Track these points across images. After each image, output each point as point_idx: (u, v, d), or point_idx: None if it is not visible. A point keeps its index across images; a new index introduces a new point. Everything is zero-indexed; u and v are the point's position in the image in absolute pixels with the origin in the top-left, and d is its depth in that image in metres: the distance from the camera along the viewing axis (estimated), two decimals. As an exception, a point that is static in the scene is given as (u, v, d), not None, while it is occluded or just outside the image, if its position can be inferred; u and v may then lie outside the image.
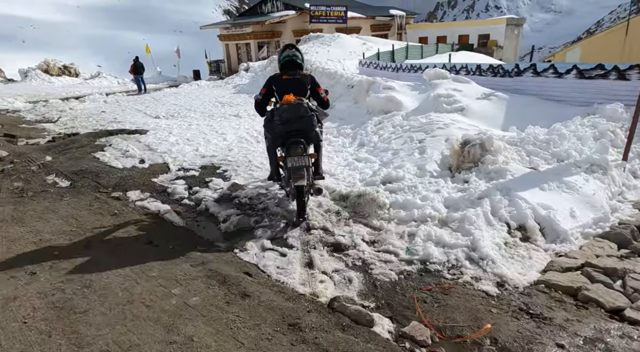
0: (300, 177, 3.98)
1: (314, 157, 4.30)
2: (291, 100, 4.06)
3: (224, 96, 15.55)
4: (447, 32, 30.58)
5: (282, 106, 4.05)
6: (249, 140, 7.81)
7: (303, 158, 3.99)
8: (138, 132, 8.34)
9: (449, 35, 29.92)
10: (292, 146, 4.01)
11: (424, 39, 29.05)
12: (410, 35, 30.57)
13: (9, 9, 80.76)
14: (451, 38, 29.20)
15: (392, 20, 31.49)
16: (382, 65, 13.59)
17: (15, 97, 17.47)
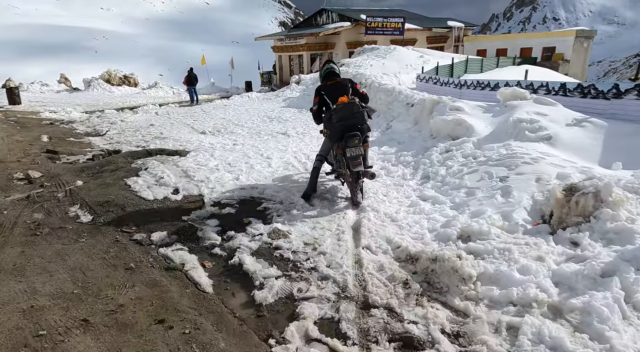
0: (358, 164, 4.83)
1: (366, 147, 5.05)
2: (345, 100, 4.92)
3: (273, 110, 14.90)
4: (507, 44, 28.50)
5: (338, 106, 4.89)
6: (296, 166, 6.90)
7: (359, 148, 4.84)
8: (178, 154, 7.69)
9: (509, 48, 27.85)
10: (350, 138, 4.79)
11: (482, 52, 27.25)
12: (468, 48, 28.81)
13: (86, 22, 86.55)
14: (512, 51, 27.17)
15: (449, 32, 29.88)
16: (443, 81, 12.36)
17: (75, 106, 17.83)
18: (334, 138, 5.00)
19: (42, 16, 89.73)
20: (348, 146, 4.81)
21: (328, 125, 5.01)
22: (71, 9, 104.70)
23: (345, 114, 4.84)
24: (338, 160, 5.25)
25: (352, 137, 4.80)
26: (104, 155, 8.29)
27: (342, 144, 4.91)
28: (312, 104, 5.46)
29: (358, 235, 4.45)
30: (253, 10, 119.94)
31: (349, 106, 4.87)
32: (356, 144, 4.80)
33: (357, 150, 4.82)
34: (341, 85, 5.28)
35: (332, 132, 4.98)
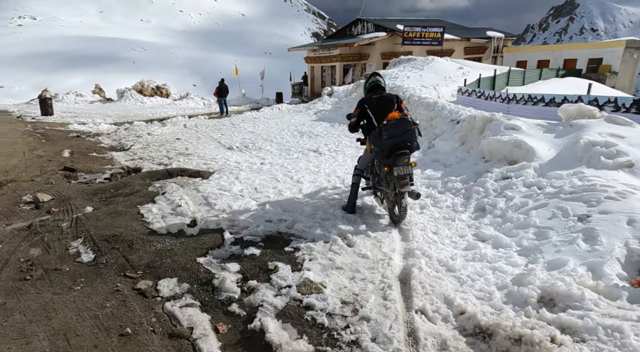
0: (406, 183, 4.58)
1: (414, 166, 4.73)
2: (396, 116, 4.66)
3: (303, 124, 14.19)
4: (550, 55, 26.86)
5: (390, 122, 4.62)
6: (329, 194, 6.08)
7: (407, 167, 4.59)
8: (200, 175, 7.00)
9: (552, 59, 26.22)
10: (399, 156, 4.56)
11: (522, 63, 25.75)
12: (507, 59, 27.34)
13: (126, 34, 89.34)
14: (555, 62, 25.55)
15: (488, 43, 28.54)
16: (489, 95, 11.31)
17: (105, 117, 17.71)
18: (382, 155, 4.72)
19: (85, 28, 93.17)
20: (396, 164, 4.58)
21: (376, 141, 4.72)
22: (113, 21, 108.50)
23: (396, 130, 4.59)
24: (380, 177, 5.02)
25: (401, 155, 4.57)
26: (123, 175, 7.73)
27: (389, 162, 4.67)
28: (352, 115, 5.29)
29: (408, 290, 3.58)
30: (287, 21, 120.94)
31: (401, 123, 4.61)
32: (406, 162, 4.59)
33: (405, 169, 4.59)
34: (387, 100, 5.05)
35: (380, 148, 4.69)
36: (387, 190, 4.92)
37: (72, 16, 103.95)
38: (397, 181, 4.60)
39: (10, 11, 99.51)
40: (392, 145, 4.58)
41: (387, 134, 4.59)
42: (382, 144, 4.64)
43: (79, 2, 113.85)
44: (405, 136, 4.58)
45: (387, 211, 5.13)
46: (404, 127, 4.59)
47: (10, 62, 64.54)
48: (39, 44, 76.27)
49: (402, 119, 4.64)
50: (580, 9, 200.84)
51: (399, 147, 4.58)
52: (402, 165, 4.58)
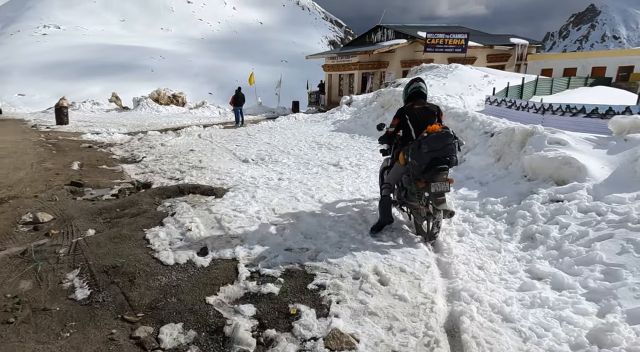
0: (442, 201, 4.32)
1: (451, 182, 4.44)
2: (437, 128, 4.33)
3: (322, 135, 13.62)
4: (577, 63, 25.76)
5: (431, 135, 4.28)
6: (354, 216, 5.44)
7: (445, 183, 4.36)
8: (214, 193, 6.44)
9: (579, 67, 25.13)
10: (438, 172, 4.29)
11: (547, 72, 24.75)
12: (532, 67, 26.34)
13: (146, 42, 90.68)
14: (582, 70, 24.46)
15: (511, 50, 27.65)
16: (520, 105, 10.57)
17: (120, 127, 17.44)
18: (419, 169, 4.41)
19: (107, 36, 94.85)
20: (434, 180, 4.33)
21: (414, 154, 4.40)
22: (134, 29, 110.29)
23: (437, 144, 4.28)
24: (410, 191, 4.73)
25: (440, 171, 4.30)
26: (132, 190, 7.24)
27: (425, 177, 4.39)
28: (381, 126, 5.18)
29: (460, 347, 2.94)
30: (304, 29, 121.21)
31: (443, 136, 4.30)
32: (444, 178, 4.35)
33: (443, 185, 4.35)
34: (429, 112, 4.72)
35: (418, 162, 4.37)
36: (418, 206, 4.62)
37: (95, 25, 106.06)
38: (433, 197, 4.33)
39: (37, 21, 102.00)
40: (431, 159, 4.28)
41: (427, 147, 4.27)
42: (421, 158, 4.33)
43: (102, 12, 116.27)
44: (445, 150, 4.30)
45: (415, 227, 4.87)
46: (445, 141, 4.29)
47: (33, 70, 65.89)
48: (62, 52, 77.79)
49: (445, 132, 4.32)
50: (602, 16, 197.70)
51: (438, 162, 4.28)
52: (440, 181, 4.32)
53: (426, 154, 4.29)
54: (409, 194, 4.81)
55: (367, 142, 11.74)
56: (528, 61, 27.53)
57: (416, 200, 4.64)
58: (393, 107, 13.43)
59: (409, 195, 4.80)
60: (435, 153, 4.27)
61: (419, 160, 4.36)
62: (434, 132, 4.33)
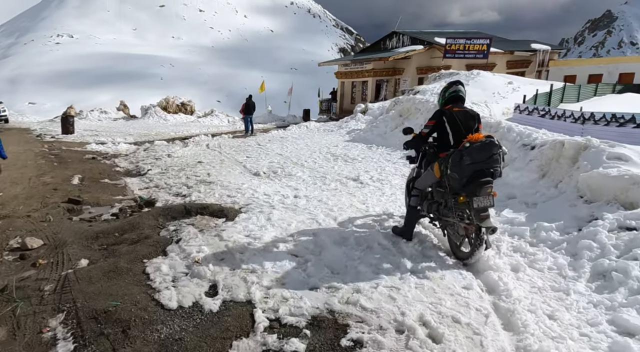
0: (487, 217, 3.93)
1: (494, 195, 4.04)
2: (481, 138, 3.98)
3: (336, 145, 12.92)
4: (603, 69, 24.73)
5: (474, 145, 3.94)
6: (386, 247, 4.69)
7: (489, 198, 3.95)
8: (224, 215, 5.72)
9: (605, 73, 24.09)
10: (481, 185, 3.92)
11: (570, 78, 23.79)
12: (554, 74, 25.41)
13: (157, 51, 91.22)
14: (609, 77, 23.45)
15: (532, 56, 26.81)
16: (556, 114, 9.78)
17: (126, 136, 16.94)
18: (459, 183, 4.03)
19: (119, 45, 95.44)
20: (477, 195, 3.93)
21: (455, 167, 4.03)
22: (146, 38, 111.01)
23: (481, 155, 3.92)
24: (448, 206, 4.30)
25: (484, 184, 3.93)
26: (133, 209, 6.57)
27: (467, 190, 4.00)
28: (423, 126, 4.61)
29: None
30: (314, 37, 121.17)
31: (488, 146, 3.93)
32: (488, 192, 3.96)
33: (487, 200, 3.96)
34: (469, 116, 4.35)
35: (459, 175, 4.00)
36: (456, 222, 4.20)
37: (107, 34, 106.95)
38: (476, 213, 3.92)
39: (51, 30, 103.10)
40: (473, 172, 3.93)
41: (469, 159, 3.91)
42: (462, 170, 3.96)
43: (115, 21, 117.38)
44: (489, 162, 3.92)
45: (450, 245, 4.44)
46: (489, 151, 3.91)
47: (45, 79, 66.31)
48: (73, 61, 78.37)
49: (488, 141, 3.95)
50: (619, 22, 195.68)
51: (482, 175, 3.92)
52: (484, 195, 3.92)
53: (468, 166, 3.92)
54: (442, 209, 4.39)
55: (386, 154, 11.01)
56: (550, 67, 26.62)
57: (453, 215, 4.20)
58: (413, 115, 12.72)
59: (443, 210, 4.37)
60: (478, 165, 3.90)
61: (460, 173, 3.97)
62: (477, 142, 3.95)
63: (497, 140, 4.02)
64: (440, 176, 4.25)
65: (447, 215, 4.31)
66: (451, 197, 4.20)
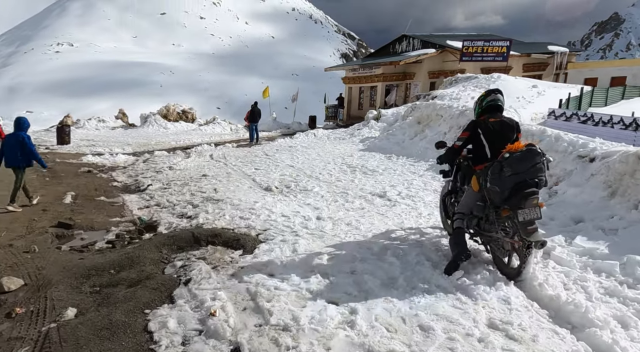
0: (534, 230, 3.66)
1: (541, 206, 3.71)
2: (521, 147, 3.76)
3: (351, 155, 12.04)
4: (627, 71, 23.48)
5: (514, 155, 3.70)
6: (447, 289, 3.78)
7: (535, 209, 3.66)
8: (241, 246, 4.80)
9: (629, 75, 23.02)
10: (526, 197, 3.64)
11: (591, 81, 22.85)
12: (573, 76, 24.44)
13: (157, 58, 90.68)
14: (633, 79, 22.35)
15: (550, 58, 25.99)
16: (601, 120, 8.89)
17: (125, 146, 16.06)
18: (501, 196, 3.80)
19: (119, 53, 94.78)
20: (522, 207, 3.66)
21: (495, 179, 3.80)
22: (147, 46, 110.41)
23: (523, 165, 3.69)
24: (490, 221, 4.06)
25: (529, 196, 3.65)
26: (133, 235, 5.67)
27: (510, 204, 3.75)
28: (456, 139, 4.38)
29: None
30: (316, 42, 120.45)
31: (529, 155, 3.72)
32: (534, 203, 3.68)
33: (533, 212, 3.67)
34: (507, 127, 4.11)
35: (500, 187, 3.77)
36: (500, 237, 3.93)
37: (108, 42, 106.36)
38: (522, 227, 3.65)
39: (52, 38, 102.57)
40: (515, 183, 3.68)
41: (510, 170, 3.68)
42: (503, 183, 3.72)
43: (116, 29, 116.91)
44: (533, 171, 3.69)
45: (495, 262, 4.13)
46: (532, 161, 3.69)
47: (44, 87, 65.59)
48: (73, 69, 77.82)
49: (529, 150, 3.72)
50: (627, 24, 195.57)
51: (525, 185, 3.66)
52: (529, 207, 3.65)
53: (509, 178, 3.68)
54: (484, 224, 4.13)
55: (409, 165, 10.10)
56: (568, 70, 25.69)
57: (496, 230, 3.97)
58: (434, 122, 11.86)
59: (485, 224, 4.12)
60: (520, 176, 3.66)
61: (502, 186, 3.72)
62: (517, 152, 3.71)
63: (539, 148, 3.75)
64: (479, 190, 4.01)
65: (489, 230, 4.05)
66: (493, 211, 3.96)
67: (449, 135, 10.84)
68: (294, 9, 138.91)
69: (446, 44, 24.69)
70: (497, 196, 3.80)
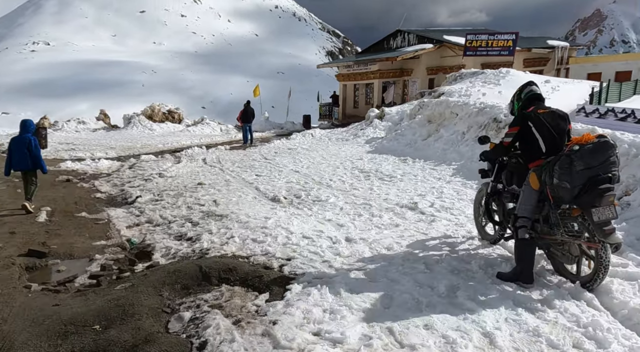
0: (612, 231, 3.28)
1: (616, 205, 3.38)
2: (591, 138, 3.39)
3: (360, 158, 11.04)
4: (631, 65, 22.67)
5: (584, 147, 3.33)
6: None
7: (611, 208, 3.29)
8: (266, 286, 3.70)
9: (634, 69, 22.42)
10: (601, 194, 3.26)
11: (595, 76, 22.19)
12: (575, 71, 23.72)
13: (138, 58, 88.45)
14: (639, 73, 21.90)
15: (551, 53, 25.36)
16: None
17: (108, 150, 14.82)
18: (570, 194, 3.34)
19: (98, 52, 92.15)
20: (596, 205, 3.25)
21: (564, 175, 3.34)
22: (126, 44, 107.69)
23: (596, 159, 3.28)
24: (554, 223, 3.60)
25: (604, 192, 3.23)
26: (122, 266, 4.57)
27: (580, 202, 3.34)
28: (504, 135, 3.99)
29: None
30: (300, 40, 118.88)
31: (603, 147, 3.29)
32: (610, 201, 3.26)
33: (609, 211, 3.26)
34: (559, 117, 3.72)
35: (570, 184, 3.31)
36: (569, 240, 3.55)
37: (86, 41, 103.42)
38: (597, 228, 3.27)
39: (26, 37, 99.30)
40: (587, 178, 3.29)
41: (582, 164, 3.30)
42: (573, 178, 3.32)
43: (94, 27, 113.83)
44: (606, 166, 3.29)
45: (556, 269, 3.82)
46: (605, 154, 3.30)
47: (20, 88, 63.19)
48: (49, 69, 75.47)
49: (603, 141, 3.32)
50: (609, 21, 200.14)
51: (599, 181, 3.27)
52: (604, 205, 3.26)
53: (581, 173, 3.33)
54: (541, 226, 3.77)
55: (429, 169, 9.12)
56: (570, 65, 25.09)
57: (560, 233, 3.60)
58: (448, 121, 10.95)
59: (543, 227, 3.76)
60: (593, 170, 3.31)
61: (572, 182, 3.36)
62: (588, 144, 3.37)
63: (611, 140, 3.41)
64: (539, 188, 3.64)
65: (550, 233, 3.70)
66: (555, 211, 3.61)
67: (468, 135, 9.93)
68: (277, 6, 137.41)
69: (443, 38, 23.84)
70: (567, 194, 3.40)
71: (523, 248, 3.67)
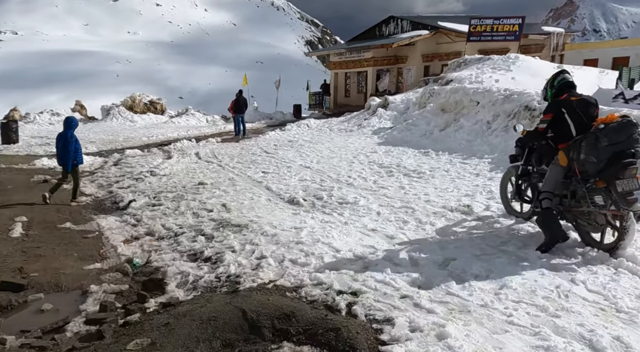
0: (635, 200, 3.60)
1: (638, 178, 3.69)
2: (615, 118, 3.75)
3: (374, 151, 10.08)
4: (628, 51, 22.25)
5: (609, 125, 3.68)
6: None
7: (633, 180, 3.63)
8: (348, 345, 2.64)
9: (632, 55, 21.98)
10: (625, 167, 3.60)
11: (591, 62, 21.69)
12: (571, 57, 23.13)
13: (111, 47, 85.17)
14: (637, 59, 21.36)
15: (546, 40, 24.74)
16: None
17: (87, 144, 13.42)
18: (596, 167, 3.71)
19: (69, 42, 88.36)
20: (620, 177, 3.58)
21: (590, 150, 3.70)
22: (99, 34, 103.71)
23: (620, 136, 3.60)
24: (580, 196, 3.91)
25: (628, 166, 3.57)
26: (129, 307, 3.48)
27: (605, 176, 3.67)
28: (539, 122, 4.33)
29: None
30: (279, 30, 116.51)
31: (627, 126, 3.61)
32: (633, 173, 3.59)
33: (633, 183, 3.60)
34: (589, 104, 4.00)
35: (597, 158, 3.66)
36: (594, 210, 3.81)
37: (56, 30, 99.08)
38: (621, 197, 3.56)
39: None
40: (612, 153, 3.60)
41: (607, 140, 3.59)
42: (599, 153, 3.63)
43: (65, 17, 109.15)
44: (629, 142, 3.60)
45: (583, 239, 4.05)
46: (628, 131, 3.60)
47: (-15, 79, 59.83)
48: (19, 60, 72.16)
49: (626, 121, 3.63)
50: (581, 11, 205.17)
51: (624, 156, 3.57)
52: (628, 177, 3.57)
53: (606, 148, 3.60)
54: (569, 201, 4.03)
55: (459, 163, 8.17)
56: (565, 51, 24.56)
57: (586, 204, 3.84)
58: (468, 109, 10.05)
59: (570, 201, 4.02)
60: (617, 146, 3.59)
61: (598, 156, 3.64)
62: (612, 122, 3.65)
63: (634, 119, 3.68)
64: (567, 164, 3.98)
65: (577, 206, 3.98)
66: (582, 185, 3.86)
67: (495, 124, 9.06)
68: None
69: (439, 25, 22.88)
70: (593, 167, 3.71)
71: (547, 217, 3.98)
